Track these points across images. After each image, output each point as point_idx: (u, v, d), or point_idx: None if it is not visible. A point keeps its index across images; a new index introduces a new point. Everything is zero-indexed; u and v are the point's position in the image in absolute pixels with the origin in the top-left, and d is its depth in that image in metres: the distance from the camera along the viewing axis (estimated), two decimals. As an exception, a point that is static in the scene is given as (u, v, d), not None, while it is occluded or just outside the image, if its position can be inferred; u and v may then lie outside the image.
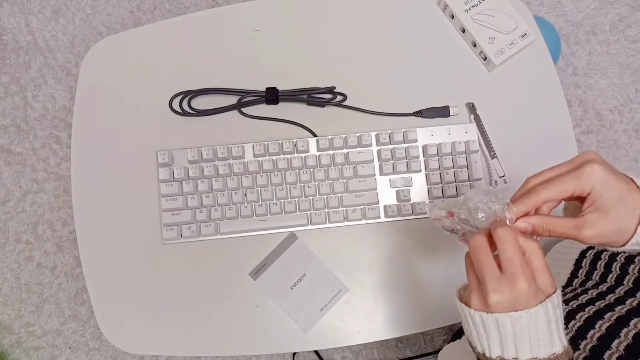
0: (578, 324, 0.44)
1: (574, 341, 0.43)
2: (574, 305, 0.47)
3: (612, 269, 0.51)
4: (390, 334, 0.62)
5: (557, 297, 0.37)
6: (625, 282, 0.48)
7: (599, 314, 0.44)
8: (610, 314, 0.43)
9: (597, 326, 0.42)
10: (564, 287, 0.55)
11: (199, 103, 0.67)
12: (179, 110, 0.66)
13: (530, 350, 0.36)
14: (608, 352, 0.40)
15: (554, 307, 0.37)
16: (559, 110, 0.67)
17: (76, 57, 1.24)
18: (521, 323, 0.35)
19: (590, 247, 0.56)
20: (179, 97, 0.66)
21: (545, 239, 0.63)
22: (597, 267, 0.53)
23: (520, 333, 0.36)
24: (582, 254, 0.56)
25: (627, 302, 0.44)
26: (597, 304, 0.46)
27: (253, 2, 0.70)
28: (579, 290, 0.51)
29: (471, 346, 0.40)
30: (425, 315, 0.62)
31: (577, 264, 0.56)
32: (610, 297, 0.46)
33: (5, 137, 1.20)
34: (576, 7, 1.24)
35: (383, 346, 1.11)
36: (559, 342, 0.37)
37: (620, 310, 0.43)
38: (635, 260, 0.49)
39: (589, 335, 0.42)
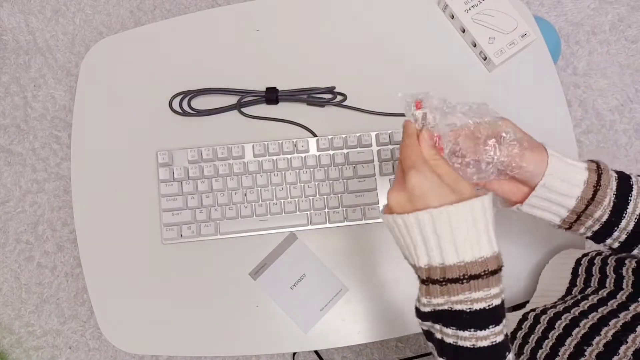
0: (583, 331, 0.44)
1: (579, 347, 0.43)
2: (577, 313, 0.47)
3: (608, 273, 0.51)
4: (390, 334, 0.62)
5: (486, 201, 0.36)
6: (624, 286, 0.48)
7: (603, 321, 0.43)
8: (615, 320, 0.43)
9: (602, 333, 0.42)
10: (563, 297, 0.55)
11: (199, 103, 0.67)
12: (179, 110, 0.66)
13: (456, 253, 0.35)
14: (616, 358, 0.39)
15: (483, 209, 0.36)
16: (559, 110, 0.67)
17: (76, 57, 1.24)
18: (441, 220, 0.35)
19: (585, 255, 0.56)
20: (179, 97, 0.66)
21: (546, 249, 0.63)
22: (593, 272, 0.53)
23: (442, 232, 0.35)
24: (578, 262, 0.56)
25: (631, 308, 0.44)
26: (600, 310, 0.46)
27: (253, 2, 0.70)
28: (579, 297, 0.51)
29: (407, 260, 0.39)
30: (425, 315, 0.62)
31: (574, 273, 0.56)
32: (613, 303, 0.46)
33: (5, 137, 1.20)
34: (576, 7, 1.24)
35: (383, 346, 1.11)
36: (488, 245, 0.36)
37: (626, 316, 0.43)
38: (626, 262, 0.49)
39: (594, 342, 0.42)
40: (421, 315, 0.39)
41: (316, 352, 1.02)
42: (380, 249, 0.64)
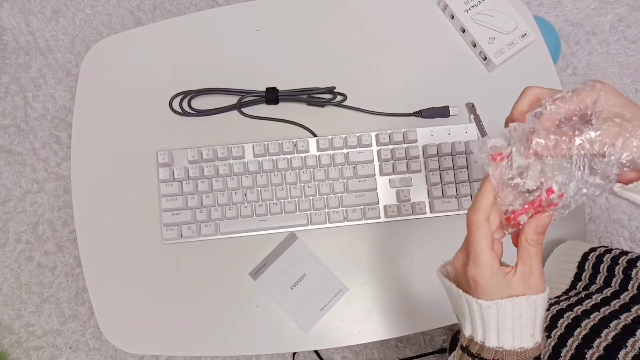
0: (584, 332, 0.44)
1: (580, 350, 0.43)
2: (579, 312, 0.47)
3: (616, 273, 0.50)
4: (390, 334, 0.62)
5: (540, 299, 0.36)
6: (630, 288, 0.48)
7: (605, 322, 0.44)
8: (616, 322, 0.43)
9: (603, 335, 0.42)
10: (567, 290, 0.55)
11: (199, 103, 0.67)
12: (179, 110, 0.66)
13: (497, 339, 0.36)
14: None
15: (532, 307, 0.36)
16: (559, 110, 0.67)
17: (76, 57, 1.24)
18: (489, 311, 0.35)
19: (592, 249, 0.56)
20: (179, 97, 0.66)
21: (548, 238, 0.63)
22: (600, 270, 0.53)
23: (488, 318, 0.36)
24: (584, 257, 0.56)
25: (633, 310, 0.44)
26: (602, 310, 0.46)
27: (253, 2, 0.70)
28: (582, 295, 0.51)
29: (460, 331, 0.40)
30: (425, 315, 0.62)
31: (580, 267, 0.56)
32: (616, 304, 0.46)
33: (5, 137, 1.20)
34: (576, 7, 1.23)
35: (383, 346, 1.11)
36: (531, 338, 0.36)
37: (627, 318, 0.43)
38: (638, 264, 0.48)
39: (595, 344, 0.42)
40: None
41: (316, 352, 1.02)
42: (380, 249, 0.64)
